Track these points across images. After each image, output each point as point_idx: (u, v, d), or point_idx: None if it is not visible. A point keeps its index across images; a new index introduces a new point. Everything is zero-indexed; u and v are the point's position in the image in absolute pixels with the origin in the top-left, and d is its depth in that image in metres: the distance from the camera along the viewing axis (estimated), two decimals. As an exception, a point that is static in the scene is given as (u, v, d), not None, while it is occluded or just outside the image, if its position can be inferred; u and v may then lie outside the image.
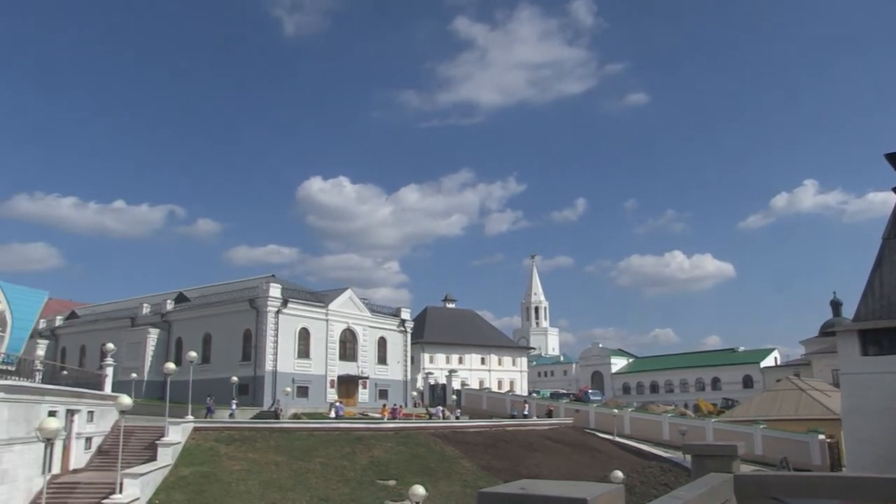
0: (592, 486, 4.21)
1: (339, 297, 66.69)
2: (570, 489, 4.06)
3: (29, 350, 37.55)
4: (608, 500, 4.01)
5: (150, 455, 34.23)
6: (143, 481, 29.67)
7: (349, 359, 66.07)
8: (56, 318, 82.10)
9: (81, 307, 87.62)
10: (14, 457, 27.31)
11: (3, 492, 26.47)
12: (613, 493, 4.15)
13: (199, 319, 66.81)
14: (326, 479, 35.49)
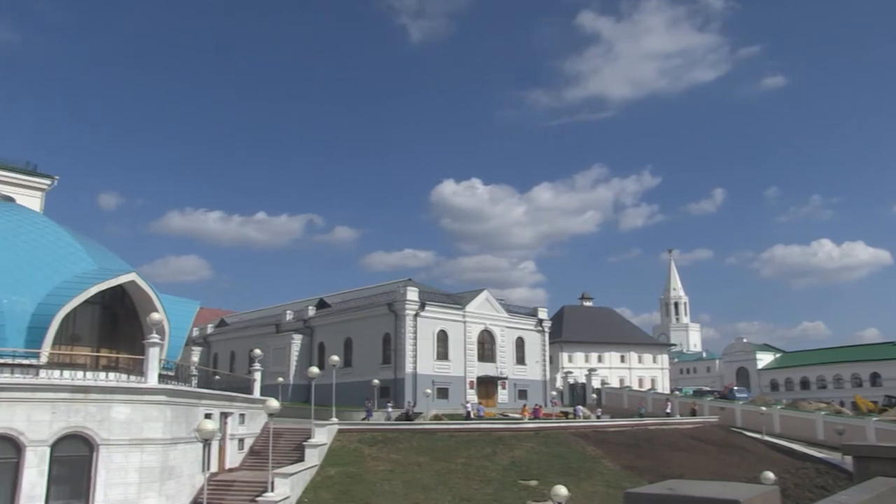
0: (744, 487, 4.07)
1: (476, 298, 67.11)
2: (720, 490, 3.95)
3: (185, 356, 39.68)
4: (762, 501, 3.86)
5: (298, 456, 35.53)
6: (292, 481, 30.87)
7: (488, 360, 66.36)
8: (207, 326, 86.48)
9: (230, 315, 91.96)
10: (178, 455, 29.09)
11: (172, 486, 28.36)
12: (768, 494, 3.99)
13: (339, 324, 68.75)
14: (468, 479, 35.77)
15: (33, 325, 28.62)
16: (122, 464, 26.70)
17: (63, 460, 26.08)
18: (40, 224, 35.07)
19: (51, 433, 25.71)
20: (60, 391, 26.38)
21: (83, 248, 33.58)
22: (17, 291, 29.06)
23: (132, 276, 31.80)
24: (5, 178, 51.06)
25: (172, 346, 34.43)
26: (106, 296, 31.33)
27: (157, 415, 27.89)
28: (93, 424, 26.49)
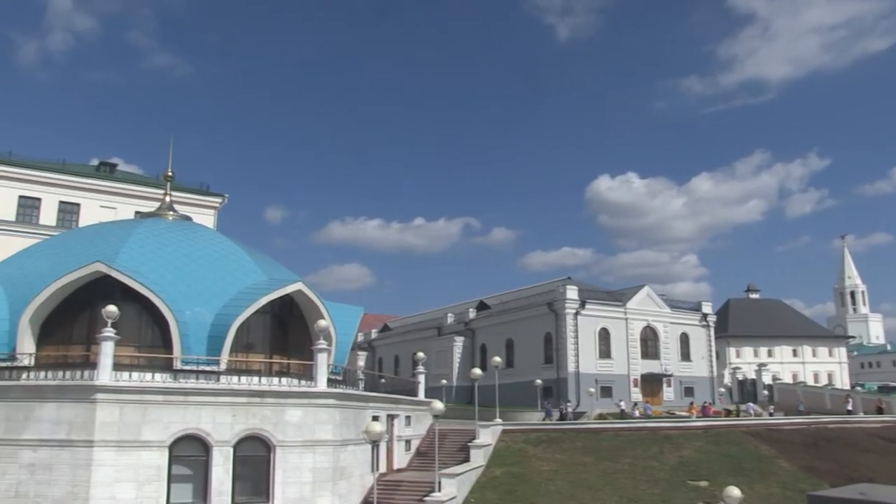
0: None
1: (637, 294, 65.90)
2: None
3: (351, 361, 41.18)
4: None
5: (463, 456, 36.09)
6: (458, 481, 31.42)
7: (651, 357, 64.99)
8: (371, 331, 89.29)
9: (392, 320, 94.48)
10: (349, 456, 30.33)
11: (344, 486, 29.65)
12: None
13: (500, 325, 69.24)
14: (635, 479, 35.15)
15: (212, 334, 30.61)
16: (296, 464, 28.16)
17: (245, 460, 27.83)
18: (215, 240, 37.45)
19: (233, 434, 27.49)
20: (239, 395, 28.17)
21: (253, 261, 35.60)
22: (197, 303, 31.16)
23: (299, 285, 33.40)
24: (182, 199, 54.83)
25: (339, 351, 35.80)
26: (276, 305, 33.02)
27: (327, 417, 29.19)
28: (269, 426, 28.08)
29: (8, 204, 61.58)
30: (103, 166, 70.89)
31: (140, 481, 25.94)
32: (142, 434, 26.31)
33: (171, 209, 40.45)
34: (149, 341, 30.44)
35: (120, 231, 36.03)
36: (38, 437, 26.10)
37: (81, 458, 25.61)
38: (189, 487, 27.14)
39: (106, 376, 26.61)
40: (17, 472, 25.94)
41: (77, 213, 62.40)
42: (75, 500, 25.30)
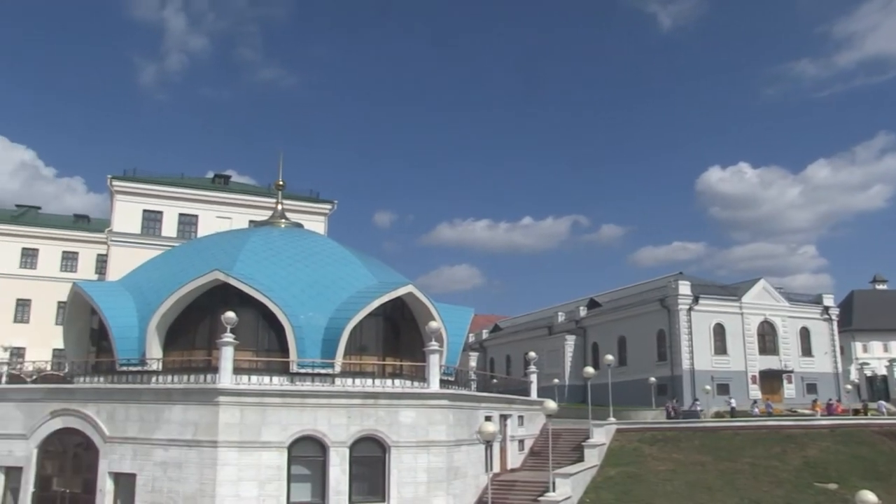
0: None
1: (753, 288, 63.80)
2: None
3: (462, 362, 41.43)
4: None
5: (577, 456, 35.84)
6: (573, 481, 31.20)
7: (770, 352, 62.76)
8: (482, 331, 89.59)
9: (503, 320, 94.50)
10: (462, 456, 30.56)
11: (458, 486, 29.91)
12: None
13: (611, 323, 68.33)
14: (756, 480, 34.05)
15: (326, 337, 31.44)
16: (411, 464, 28.58)
17: (360, 460, 28.46)
18: (326, 245, 38.42)
19: (348, 435, 28.15)
20: (354, 397, 28.81)
21: (364, 265, 36.34)
22: (311, 308, 32.06)
23: (409, 288, 33.89)
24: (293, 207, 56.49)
25: (451, 352, 36.11)
26: (387, 308, 33.58)
27: (440, 418, 29.50)
28: (384, 428, 28.60)
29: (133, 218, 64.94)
30: (218, 178, 73.83)
31: (261, 480, 26.91)
32: (262, 435, 27.27)
33: (283, 217, 41.75)
34: (266, 345, 31.53)
35: (236, 240, 37.44)
36: (168, 437, 27.54)
37: (207, 457, 26.79)
38: (308, 487, 27.97)
39: (227, 380, 27.72)
40: (152, 468, 27.54)
41: (195, 223, 65.20)
42: (203, 497, 26.49)
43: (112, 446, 28.59)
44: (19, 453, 30.24)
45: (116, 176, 65.81)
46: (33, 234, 78.56)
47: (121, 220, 64.93)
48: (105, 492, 28.38)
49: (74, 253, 78.48)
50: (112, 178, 65.58)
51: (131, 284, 35.56)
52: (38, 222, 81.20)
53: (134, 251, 57.07)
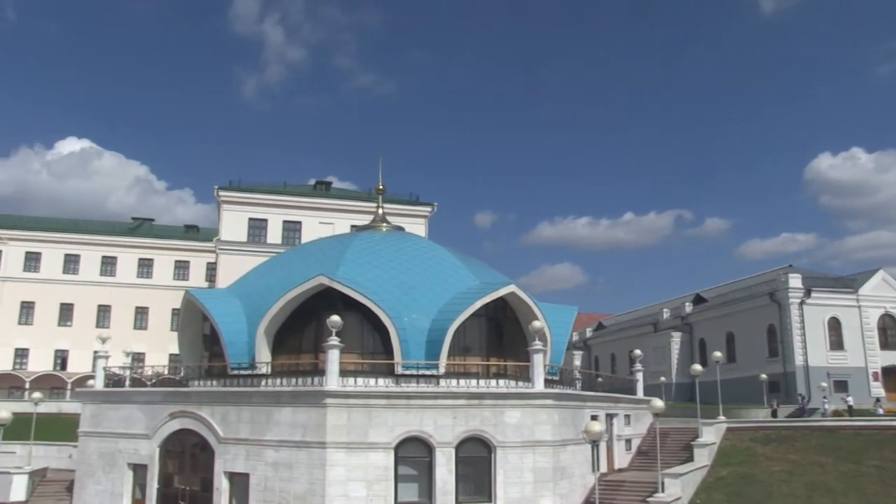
0: None
1: (871, 279, 61.02)
2: None
3: (566, 361, 41.07)
4: None
5: (686, 456, 34.95)
6: (682, 481, 30.45)
7: (893, 347, 59.85)
8: (586, 329, 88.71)
9: (607, 318, 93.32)
10: (568, 456, 30.31)
11: (565, 486, 29.69)
12: None
13: (719, 319, 66.60)
14: (885, 484, 32.01)
15: (430, 339, 31.64)
16: (517, 464, 28.49)
17: (466, 460, 28.55)
18: (427, 247, 38.73)
19: (454, 436, 28.27)
20: (459, 398, 28.91)
21: (465, 266, 36.45)
22: (414, 310, 32.35)
23: (511, 287, 33.80)
24: (394, 210, 57.25)
25: (554, 351, 35.85)
26: (490, 308, 33.56)
27: (545, 418, 29.31)
28: (489, 428, 28.61)
29: (240, 226, 67.16)
30: (320, 185, 75.53)
31: (369, 480, 27.32)
32: (369, 436, 27.69)
33: (384, 221, 42.29)
34: (371, 348, 31.97)
35: (339, 245, 38.16)
36: (278, 439, 28.32)
37: (316, 458, 27.38)
38: (415, 487, 28.25)
39: (334, 382, 28.26)
40: (264, 469, 28.40)
41: (299, 230, 66.91)
42: (314, 497, 27.08)
43: (226, 447, 29.62)
44: (144, 452, 31.91)
45: (223, 186, 68.23)
46: (148, 245, 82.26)
47: (228, 228, 67.27)
48: (221, 490, 29.43)
49: (186, 262, 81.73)
50: (218, 188, 68.02)
51: (240, 291, 36.71)
52: (153, 233, 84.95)
53: (241, 258, 59.06)
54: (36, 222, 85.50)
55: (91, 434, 34.48)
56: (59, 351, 79.02)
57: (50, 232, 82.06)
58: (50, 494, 37.21)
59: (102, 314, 79.62)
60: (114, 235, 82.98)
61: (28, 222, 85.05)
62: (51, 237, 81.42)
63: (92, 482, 33.57)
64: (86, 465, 34.16)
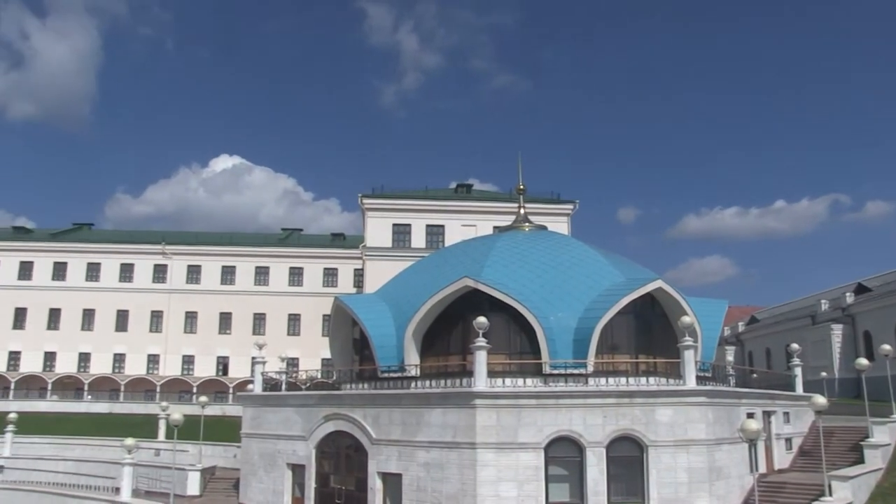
0: None
1: None
2: None
3: (719, 356, 39.72)
4: None
5: (855, 457, 32.87)
6: (853, 484, 28.55)
7: None
8: (738, 323, 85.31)
9: (760, 311, 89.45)
10: (724, 455, 29.20)
11: (721, 487, 28.60)
12: None
13: (886, 309, 62.39)
14: None
15: (577, 337, 31.32)
16: (669, 464, 27.73)
17: (617, 460, 28.04)
18: (570, 245, 38.39)
19: (604, 435, 27.86)
20: (608, 397, 28.48)
21: (610, 263, 35.89)
22: (560, 309, 32.13)
23: (659, 283, 33.03)
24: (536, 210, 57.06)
25: (705, 347, 34.79)
26: (637, 305, 32.89)
27: (698, 416, 28.40)
28: (640, 427, 28.02)
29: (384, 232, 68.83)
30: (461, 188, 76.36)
31: (520, 481, 27.32)
32: (518, 436, 27.69)
33: (527, 220, 42.21)
34: (518, 348, 31.98)
35: (482, 246, 38.43)
36: (429, 440, 28.80)
37: (467, 458, 27.65)
38: (566, 487, 28.01)
39: (482, 383, 28.46)
40: (416, 469, 28.96)
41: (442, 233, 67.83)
42: (465, 497, 27.37)
43: (378, 448, 30.38)
44: (301, 453, 33.24)
45: (366, 194, 70.12)
46: (298, 255, 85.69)
47: (373, 235, 69.06)
48: (375, 490, 30.22)
49: (334, 269, 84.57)
50: (362, 196, 69.95)
51: (387, 295, 37.58)
52: (302, 243, 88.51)
53: (387, 264, 60.41)
54: (196, 237, 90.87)
55: (252, 435, 36.26)
56: (221, 357, 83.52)
57: (208, 245, 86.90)
58: (219, 490, 39.64)
59: (258, 322, 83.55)
60: (266, 246, 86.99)
61: (189, 237, 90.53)
62: (209, 250, 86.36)
63: (255, 480, 35.27)
64: (249, 465, 35.95)
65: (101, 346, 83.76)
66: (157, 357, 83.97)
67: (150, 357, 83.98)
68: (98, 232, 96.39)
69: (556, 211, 68.36)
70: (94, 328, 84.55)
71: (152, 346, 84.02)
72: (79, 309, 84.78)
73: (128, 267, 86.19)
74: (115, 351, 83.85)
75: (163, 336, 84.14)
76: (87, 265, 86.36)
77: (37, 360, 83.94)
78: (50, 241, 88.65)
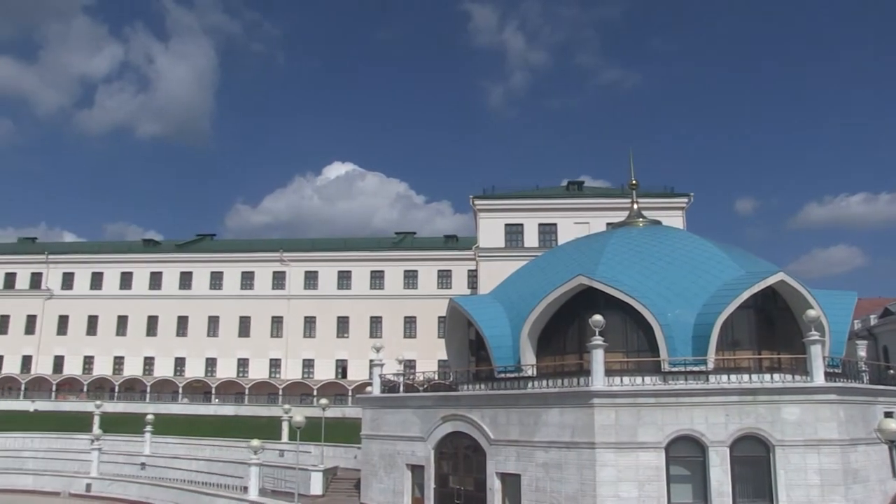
0: None
1: None
2: None
3: (849, 352, 37.74)
4: None
5: None
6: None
7: None
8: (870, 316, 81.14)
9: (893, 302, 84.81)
10: (860, 457, 27.68)
11: (859, 491, 27.05)
12: None
13: None
14: None
15: (696, 334, 30.49)
16: (799, 465, 26.51)
17: (742, 460, 27.06)
18: (687, 240, 37.42)
19: (727, 434, 26.97)
20: (730, 395, 27.59)
21: (728, 256, 34.73)
22: (677, 305, 31.37)
23: (780, 275, 31.74)
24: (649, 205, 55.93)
25: (834, 342, 33.27)
26: (758, 299, 31.69)
27: (828, 414, 27.09)
28: (765, 426, 26.97)
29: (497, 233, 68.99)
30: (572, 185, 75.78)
31: (640, 481, 26.79)
32: (638, 436, 27.19)
33: (640, 216, 41.39)
34: (635, 346, 31.36)
35: (596, 243, 37.96)
36: (547, 440, 28.65)
37: (585, 458, 27.35)
38: (688, 488, 27.25)
39: (599, 382, 28.09)
40: (534, 469, 28.88)
41: (555, 232, 67.47)
42: (585, 498, 27.07)
43: (497, 448, 30.40)
44: (420, 454, 33.59)
45: (478, 195, 70.44)
46: (412, 258, 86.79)
47: (485, 236, 69.31)
48: (494, 490, 30.24)
49: (448, 271, 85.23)
50: (474, 197, 70.30)
51: (501, 296, 37.58)
52: (415, 246, 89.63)
53: (500, 264, 60.49)
54: (312, 244, 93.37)
55: (372, 437, 36.89)
56: (339, 361, 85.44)
57: (324, 252, 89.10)
58: (341, 490, 40.56)
59: (374, 325, 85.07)
60: (380, 250, 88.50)
61: (305, 244, 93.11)
62: (325, 256, 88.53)
63: (375, 481, 35.87)
64: (369, 465, 36.59)
65: (226, 352, 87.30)
66: (278, 361, 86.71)
67: (272, 361, 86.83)
68: (220, 242, 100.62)
69: (670, 205, 66.82)
70: (219, 334, 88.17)
71: (274, 350, 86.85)
72: (204, 316, 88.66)
73: (248, 275, 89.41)
74: (238, 356, 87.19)
75: (283, 341, 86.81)
76: (210, 274, 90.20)
77: (168, 365, 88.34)
78: (176, 252, 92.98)
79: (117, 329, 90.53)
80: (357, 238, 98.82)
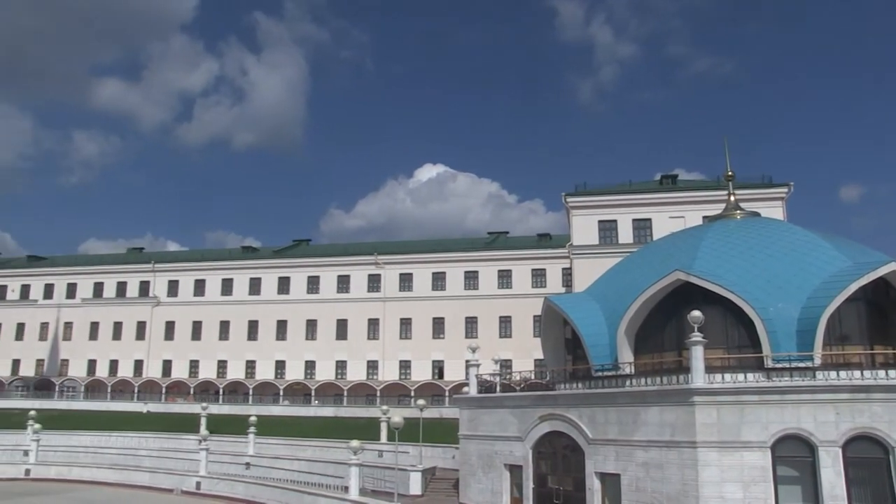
0: None
1: None
2: None
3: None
4: None
5: None
6: None
7: None
8: None
9: None
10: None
11: None
12: None
13: None
14: None
15: (801, 328, 29.32)
16: (924, 468, 25.12)
17: (857, 462, 25.85)
18: (788, 231, 36.08)
19: (838, 434, 25.81)
20: (839, 392, 26.39)
21: (833, 247, 33.25)
22: (780, 299, 30.25)
23: (892, 266, 30.15)
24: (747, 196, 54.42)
25: None
26: (868, 291, 30.26)
27: (954, 414, 25.58)
28: (882, 425, 25.66)
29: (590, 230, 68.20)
30: (666, 179, 74.22)
31: (745, 482, 25.94)
32: (741, 434, 26.33)
33: (738, 208, 40.12)
34: (736, 342, 30.47)
35: (692, 238, 37.01)
36: (646, 439, 28.06)
37: (687, 458, 26.66)
38: (797, 490, 26.20)
39: (700, 379, 27.35)
40: (634, 469, 28.34)
41: (649, 227, 66.19)
42: (687, 498, 26.39)
43: (595, 448, 29.97)
44: (518, 453, 33.43)
45: (570, 193, 69.80)
46: (506, 258, 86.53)
47: (579, 233, 68.59)
48: (594, 490, 29.81)
49: (542, 270, 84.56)
50: (566, 195, 69.68)
51: (596, 293, 37.09)
52: (508, 245, 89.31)
53: (594, 261, 59.72)
54: (406, 246, 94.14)
55: (470, 437, 36.88)
56: (436, 361, 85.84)
57: (418, 253, 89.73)
58: (440, 490, 40.74)
59: (470, 325, 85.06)
60: (473, 251, 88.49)
61: (399, 247, 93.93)
62: (419, 258, 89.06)
63: (474, 481, 35.85)
64: (467, 465, 36.60)
65: (324, 354, 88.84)
66: (375, 363, 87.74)
67: (370, 363, 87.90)
68: (316, 247, 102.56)
69: (768, 196, 64.64)
70: (317, 337, 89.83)
71: (371, 352, 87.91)
72: (302, 320, 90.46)
73: (344, 278, 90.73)
74: (336, 358, 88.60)
75: (380, 343, 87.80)
76: (307, 278, 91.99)
77: (269, 368, 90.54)
78: (274, 258, 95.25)
79: (220, 334, 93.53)
80: (450, 239, 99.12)
